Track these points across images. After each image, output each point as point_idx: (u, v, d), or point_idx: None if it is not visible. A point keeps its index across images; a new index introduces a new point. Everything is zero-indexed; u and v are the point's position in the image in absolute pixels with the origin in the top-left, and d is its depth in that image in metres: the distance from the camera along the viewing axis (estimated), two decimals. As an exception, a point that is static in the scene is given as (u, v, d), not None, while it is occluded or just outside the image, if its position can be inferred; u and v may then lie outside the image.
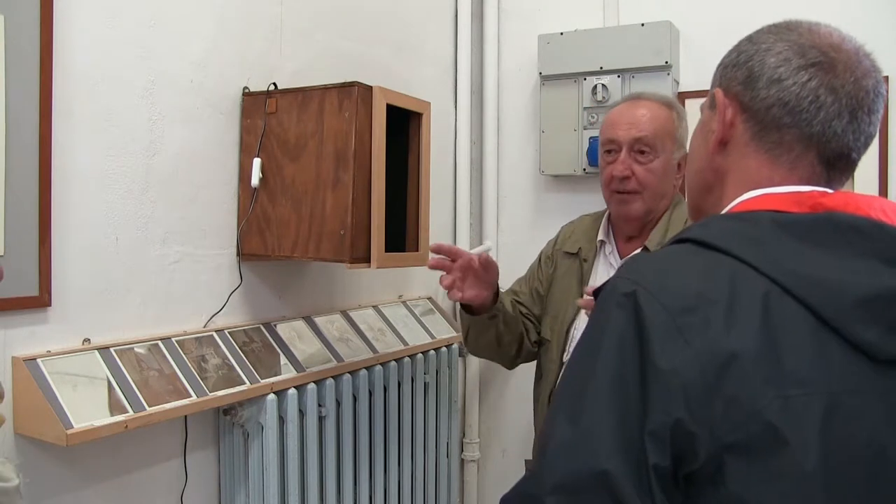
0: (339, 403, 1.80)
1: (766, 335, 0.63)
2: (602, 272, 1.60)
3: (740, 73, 0.78)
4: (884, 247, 0.67)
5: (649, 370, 0.63)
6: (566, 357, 1.59)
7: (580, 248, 1.65)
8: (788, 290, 0.65)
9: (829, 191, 0.74)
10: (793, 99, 0.73)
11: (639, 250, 1.55)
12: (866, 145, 0.76)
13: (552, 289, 1.68)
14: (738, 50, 0.80)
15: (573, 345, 1.55)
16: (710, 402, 0.61)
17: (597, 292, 0.74)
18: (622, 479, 0.61)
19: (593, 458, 0.63)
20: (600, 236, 1.63)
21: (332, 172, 1.56)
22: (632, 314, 0.66)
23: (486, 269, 1.53)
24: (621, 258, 1.58)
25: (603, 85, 2.21)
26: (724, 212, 0.77)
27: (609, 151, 1.57)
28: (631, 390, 0.64)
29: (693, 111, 2.18)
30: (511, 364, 1.73)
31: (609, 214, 1.65)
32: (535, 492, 0.65)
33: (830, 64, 0.73)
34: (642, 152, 1.53)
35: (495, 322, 1.58)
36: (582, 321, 1.57)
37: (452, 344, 2.26)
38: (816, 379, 0.63)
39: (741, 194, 0.76)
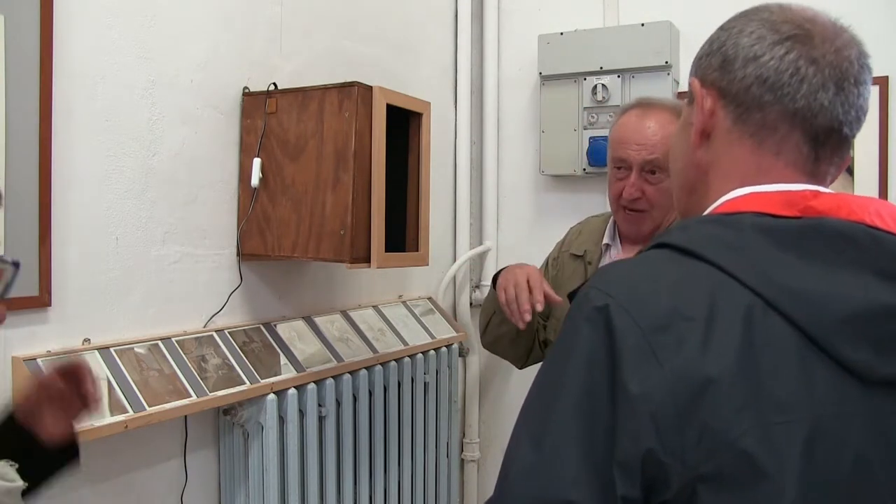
0: (339, 403, 1.80)
1: (746, 356, 0.59)
2: None
3: (715, 59, 0.73)
4: (876, 258, 0.62)
5: (619, 394, 0.59)
6: None
7: (585, 251, 1.64)
8: (772, 305, 0.60)
9: (822, 189, 0.69)
10: (772, 74, 0.69)
11: None
12: (859, 120, 0.71)
13: (558, 292, 1.67)
14: (710, 40, 0.76)
15: None
16: (682, 430, 0.57)
17: (571, 296, 0.69)
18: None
19: (557, 487, 0.59)
20: (606, 239, 1.62)
21: (332, 172, 1.56)
22: (603, 331, 0.61)
23: None
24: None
25: (603, 85, 2.21)
26: (707, 212, 0.72)
27: (619, 168, 1.55)
28: (599, 414, 0.59)
29: (693, 111, 2.19)
30: (521, 361, 1.72)
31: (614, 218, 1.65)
32: None
33: (807, 35, 0.69)
34: (653, 172, 1.51)
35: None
36: None
37: (452, 344, 2.26)
38: (799, 403, 0.59)
39: (726, 190, 0.71)
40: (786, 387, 0.59)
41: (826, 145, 0.70)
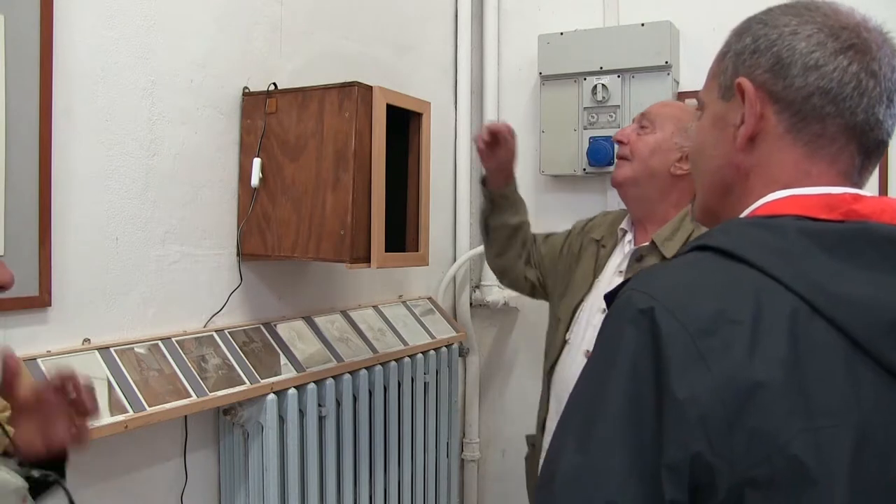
0: (339, 403, 1.80)
1: (792, 361, 0.58)
2: (616, 257, 1.65)
3: (764, 59, 0.70)
4: None
5: (666, 398, 0.58)
6: (569, 336, 1.63)
7: (603, 236, 1.71)
8: (818, 309, 0.59)
9: (863, 193, 0.68)
10: (835, 86, 0.67)
11: (646, 244, 1.57)
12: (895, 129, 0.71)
13: (574, 272, 1.73)
14: (750, 34, 0.72)
15: (577, 326, 1.62)
16: (731, 435, 0.57)
17: (608, 297, 0.69)
18: None
19: (604, 491, 0.59)
20: (623, 225, 1.68)
21: (332, 172, 1.56)
22: (648, 334, 0.60)
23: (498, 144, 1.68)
24: (635, 247, 1.62)
25: (603, 85, 2.21)
26: (744, 214, 0.71)
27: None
28: (645, 419, 0.59)
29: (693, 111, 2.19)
30: (514, 265, 1.83)
31: None
32: None
33: (865, 45, 0.68)
34: (643, 127, 1.64)
35: (513, 201, 1.78)
36: (590, 302, 1.62)
37: (452, 344, 2.26)
38: (847, 409, 0.58)
39: (766, 194, 0.70)
40: (833, 392, 0.58)
41: (872, 157, 0.71)
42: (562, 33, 2.29)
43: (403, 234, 1.77)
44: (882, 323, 0.59)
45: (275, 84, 1.67)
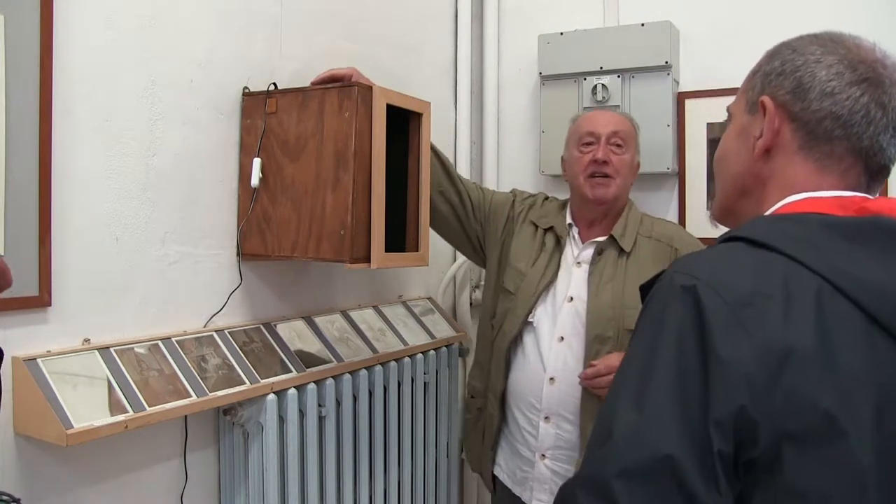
0: (339, 403, 1.80)
1: (820, 330, 0.66)
2: (569, 248, 1.84)
3: (787, 82, 0.80)
4: None
5: (711, 360, 0.65)
6: (531, 318, 1.79)
7: (553, 226, 1.86)
8: (840, 289, 0.67)
9: (870, 196, 0.77)
10: (846, 113, 0.76)
11: (603, 238, 1.79)
12: None
13: (514, 243, 1.89)
14: (780, 58, 0.82)
15: (541, 311, 1.79)
16: (771, 393, 0.64)
17: (644, 288, 0.78)
18: (687, 464, 0.63)
19: (658, 443, 0.65)
20: (569, 220, 1.86)
21: (332, 172, 1.56)
22: (692, 306, 0.68)
23: None
24: (583, 242, 1.82)
25: (603, 85, 2.21)
26: (767, 213, 0.79)
27: (588, 143, 1.81)
28: (693, 379, 0.66)
29: (693, 111, 2.19)
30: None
31: (570, 203, 1.89)
32: (601, 476, 0.67)
33: (879, 80, 0.76)
34: (618, 145, 1.79)
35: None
36: (558, 290, 1.79)
37: (452, 344, 2.26)
38: (868, 372, 0.65)
39: (783, 198, 0.79)
40: (856, 357, 0.66)
41: (876, 179, 0.80)
42: (562, 33, 2.29)
43: (403, 234, 1.77)
44: (894, 302, 0.67)
45: (275, 84, 1.67)
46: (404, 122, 1.74)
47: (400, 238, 1.76)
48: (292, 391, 1.65)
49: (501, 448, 1.88)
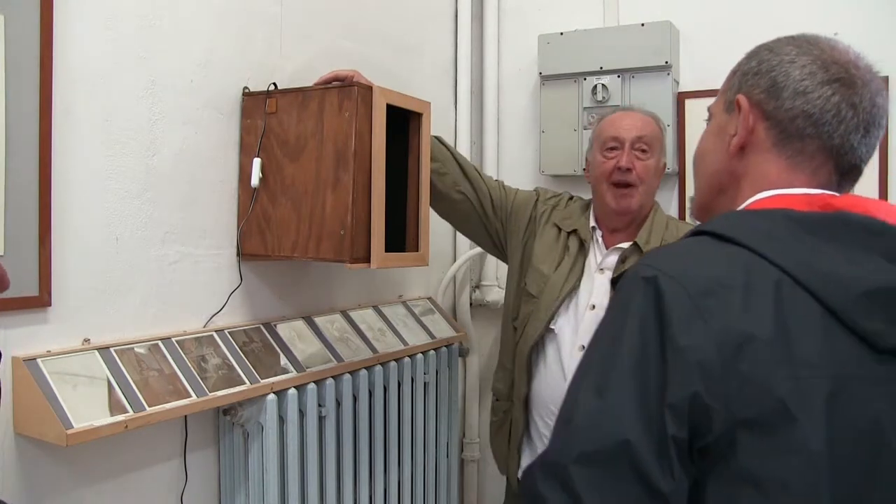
0: (339, 403, 1.80)
1: (778, 320, 0.68)
2: (592, 253, 1.79)
3: (763, 81, 0.81)
4: (889, 245, 0.72)
5: (669, 347, 0.67)
6: (553, 325, 1.75)
7: (577, 230, 1.80)
8: (799, 281, 0.69)
9: (837, 194, 0.79)
10: (817, 112, 0.78)
11: (627, 244, 1.73)
12: (870, 156, 0.82)
13: (536, 244, 1.84)
14: (757, 58, 0.83)
15: (564, 319, 1.74)
16: (726, 379, 0.66)
17: (616, 281, 0.81)
18: (643, 449, 0.65)
19: (617, 429, 0.66)
20: (592, 222, 1.80)
21: (332, 172, 1.56)
22: (652, 296, 0.70)
23: None
24: (606, 248, 1.77)
25: (603, 85, 2.21)
26: (738, 209, 0.82)
27: (611, 149, 1.73)
28: (652, 365, 0.68)
29: (693, 111, 2.19)
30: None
31: (593, 205, 1.82)
32: (560, 460, 0.68)
33: (851, 80, 0.78)
34: (643, 150, 1.71)
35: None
36: (580, 298, 1.74)
37: (452, 344, 2.26)
38: (823, 363, 0.67)
39: (755, 195, 0.81)
40: (812, 348, 0.68)
41: (847, 178, 0.82)
42: (562, 33, 2.29)
43: (403, 234, 1.77)
44: (852, 294, 0.69)
45: (275, 84, 1.67)
46: (404, 122, 1.74)
47: (400, 238, 1.76)
48: (292, 391, 1.65)
49: (525, 452, 1.85)
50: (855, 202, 0.76)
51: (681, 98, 2.20)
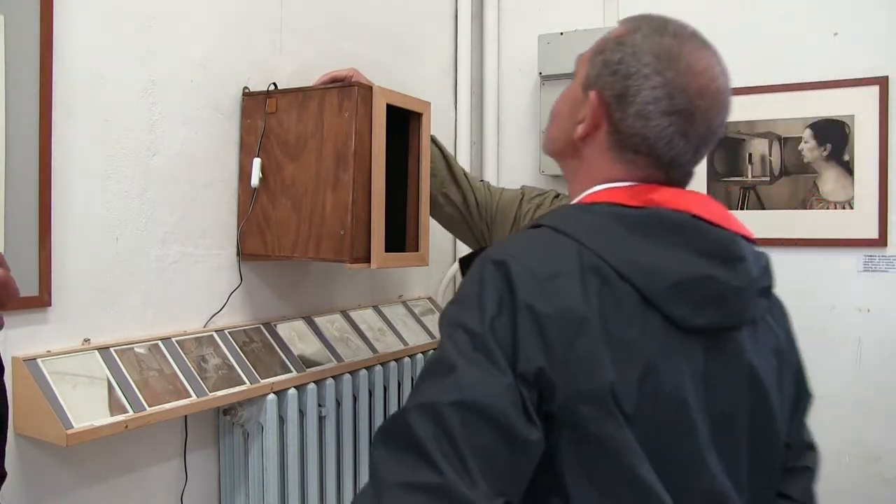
0: (339, 403, 1.80)
1: (604, 305, 0.77)
2: None
3: (617, 85, 0.87)
4: (696, 241, 0.82)
5: (520, 319, 0.75)
6: None
7: None
8: (620, 273, 0.79)
9: (661, 186, 0.87)
10: (652, 137, 0.85)
11: None
12: (699, 163, 0.90)
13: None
14: (621, 52, 0.88)
15: None
16: (566, 357, 0.74)
17: (464, 261, 0.93)
18: (506, 404, 0.72)
19: (475, 390, 0.72)
20: None
21: (332, 172, 1.56)
22: (503, 276, 0.77)
23: None
24: None
25: (603, 85, 2.21)
26: (574, 202, 0.90)
27: None
28: (504, 336, 0.75)
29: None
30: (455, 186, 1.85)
31: None
32: (438, 402, 0.72)
33: (689, 113, 0.84)
34: None
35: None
36: None
37: (452, 344, 2.26)
38: (639, 345, 0.77)
39: (591, 186, 0.89)
40: (630, 331, 0.78)
41: (679, 183, 0.90)
42: (562, 33, 2.29)
43: (403, 234, 1.77)
44: (664, 284, 0.79)
45: (275, 84, 1.67)
46: (404, 122, 1.74)
47: (400, 238, 1.76)
48: (292, 391, 1.65)
49: None
50: (672, 196, 0.84)
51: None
